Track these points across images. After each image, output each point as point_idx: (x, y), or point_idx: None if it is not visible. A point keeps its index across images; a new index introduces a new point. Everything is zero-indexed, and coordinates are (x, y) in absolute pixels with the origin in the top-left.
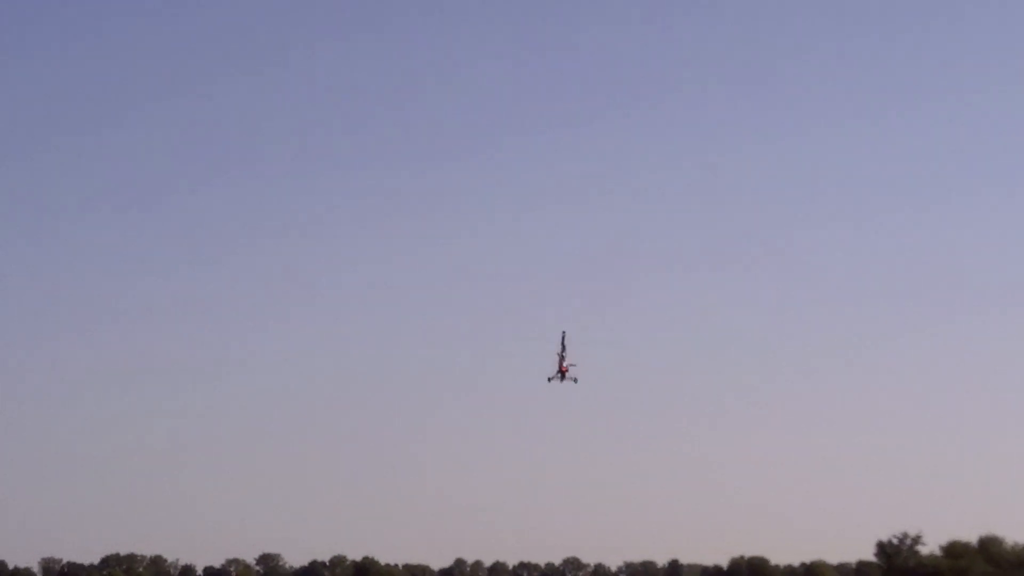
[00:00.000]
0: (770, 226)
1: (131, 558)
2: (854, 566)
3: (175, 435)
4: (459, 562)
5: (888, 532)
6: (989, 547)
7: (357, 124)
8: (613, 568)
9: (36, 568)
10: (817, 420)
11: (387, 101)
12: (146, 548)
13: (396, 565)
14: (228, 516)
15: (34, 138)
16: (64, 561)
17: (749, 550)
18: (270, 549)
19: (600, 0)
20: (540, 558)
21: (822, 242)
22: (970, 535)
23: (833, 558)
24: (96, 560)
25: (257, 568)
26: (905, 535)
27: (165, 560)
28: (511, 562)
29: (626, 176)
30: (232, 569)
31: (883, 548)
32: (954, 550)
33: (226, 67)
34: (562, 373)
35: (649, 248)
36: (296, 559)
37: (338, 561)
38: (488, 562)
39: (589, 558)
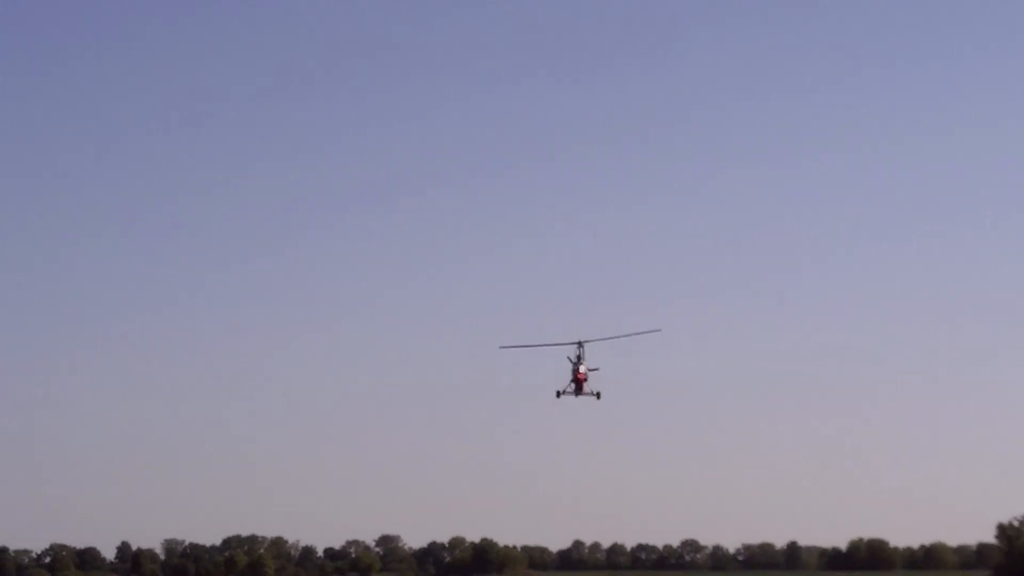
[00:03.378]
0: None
1: (252, 539)
2: (974, 548)
3: (296, 421)
4: (577, 544)
5: (1008, 514)
6: None
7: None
8: (731, 550)
9: (159, 549)
10: (935, 404)
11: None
12: (267, 530)
13: (515, 547)
14: (348, 499)
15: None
16: (186, 543)
17: (868, 533)
18: (389, 531)
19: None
20: (658, 540)
21: (953, 242)
22: None
23: (953, 540)
24: (218, 542)
25: (377, 550)
26: None
27: (286, 542)
28: (629, 544)
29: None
30: (352, 551)
31: (1003, 530)
32: None
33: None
34: (578, 382)
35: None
36: (415, 541)
37: (457, 543)
38: (606, 544)
39: (707, 540)
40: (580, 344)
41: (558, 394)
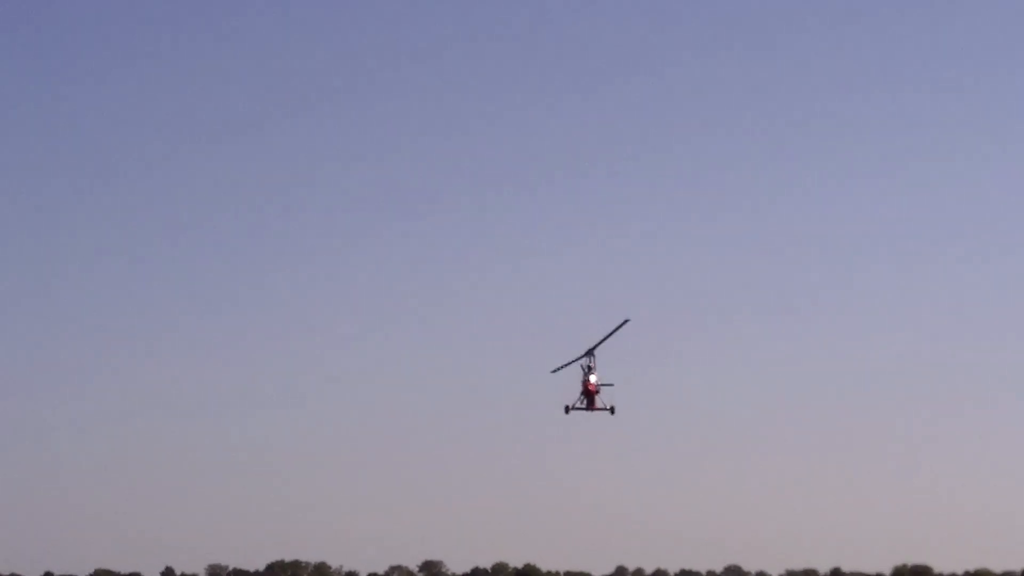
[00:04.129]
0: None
1: (295, 564)
2: (1019, 574)
3: (338, 443)
4: (620, 569)
5: None
6: None
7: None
8: (775, 575)
9: (203, 574)
10: (979, 426)
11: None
12: (310, 555)
13: (557, 572)
14: (391, 523)
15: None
16: (230, 568)
17: (912, 558)
18: (432, 556)
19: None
20: (701, 565)
21: (1003, 257)
22: None
23: (998, 566)
24: (261, 567)
25: (420, 575)
26: None
27: (329, 567)
28: (672, 569)
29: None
30: (395, 575)
31: None
32: None
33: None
34: (589, 395)
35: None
36: (458, 566)
37: (500, 568)
38: (649, 569)
39: (750, 566)
40: (591, 353)
41: (567, 410)
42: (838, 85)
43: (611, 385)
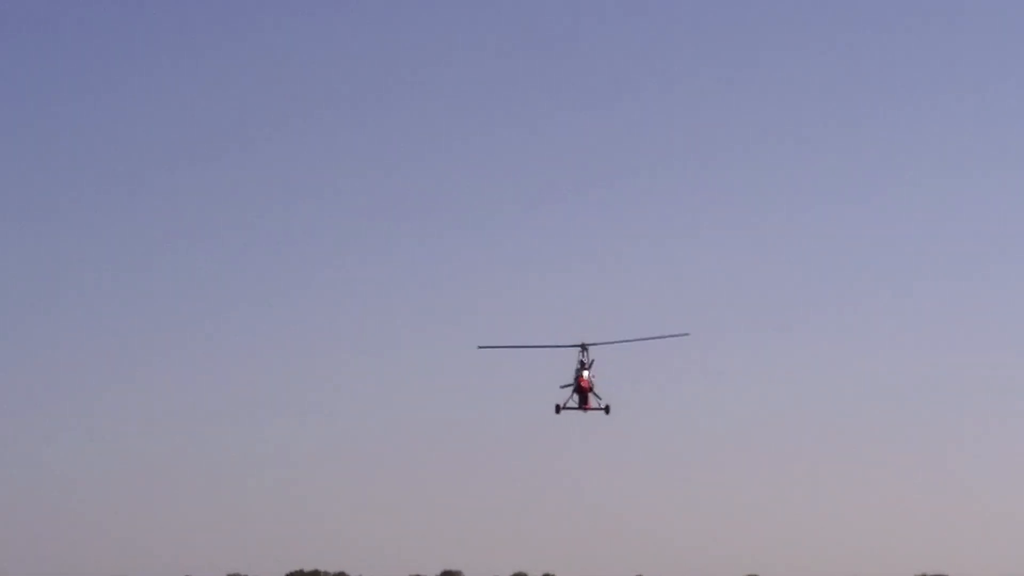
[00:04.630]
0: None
1: (315, 574)
2: None
3: (357, 451)
4: None
5: None
6: None
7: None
8: None
9: None
10: (1002, 431)
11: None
12: (329, 564)
13: None
14: (410, 532)
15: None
16: None
17: (932, 567)
18: (452, 565)
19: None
20: (720, 575)
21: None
22: None
23: None
24: None
25: None
26: None
27: None
28: None
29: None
30: None
31: None
32: None
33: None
34: (583, 391)
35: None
36: (478, 575)
37: None
38: None
39: (768, 575)
40: (584, 348)
41: (558, 409)
42: (841, 93)
43: (600, 402)
